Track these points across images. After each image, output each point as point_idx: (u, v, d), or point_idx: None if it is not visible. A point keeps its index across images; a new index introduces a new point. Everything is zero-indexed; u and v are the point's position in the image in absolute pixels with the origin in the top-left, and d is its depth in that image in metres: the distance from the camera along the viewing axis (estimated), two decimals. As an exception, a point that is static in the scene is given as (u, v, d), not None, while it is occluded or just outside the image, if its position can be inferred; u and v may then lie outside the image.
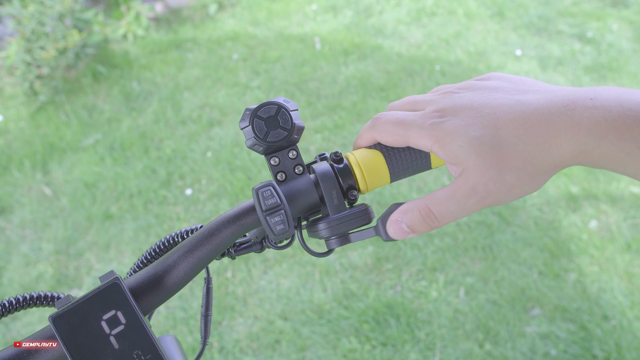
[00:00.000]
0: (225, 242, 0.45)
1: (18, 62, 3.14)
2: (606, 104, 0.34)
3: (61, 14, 3.23)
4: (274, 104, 0.45)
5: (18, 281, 2.21)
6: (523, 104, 0.37)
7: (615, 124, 0.34)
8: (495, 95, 0.40)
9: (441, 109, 0.41)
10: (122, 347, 0.41)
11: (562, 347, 1.71)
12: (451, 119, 0.39)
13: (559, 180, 2.34)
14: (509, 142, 0.36)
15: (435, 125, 0.40)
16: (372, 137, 0.46)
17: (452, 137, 0.38)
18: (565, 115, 0.35)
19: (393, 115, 0.44)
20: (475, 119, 0.38)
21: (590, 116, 0.34)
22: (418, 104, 0.45)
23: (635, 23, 3.45)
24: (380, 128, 0.44)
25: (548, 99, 0.37)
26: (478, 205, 0.38)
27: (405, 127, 0.42)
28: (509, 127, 0.37)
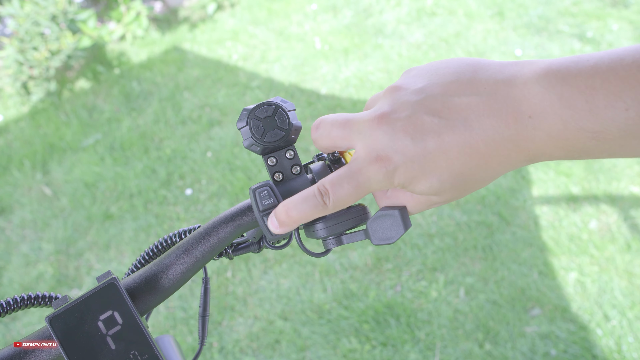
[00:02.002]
0: (222, 242, 0.45)
1: (10, 62, 3.15)
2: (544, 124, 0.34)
3: (54, 15, 3.23)
4: (271, 104, 0.45)
5: (18, 281, 2.21)
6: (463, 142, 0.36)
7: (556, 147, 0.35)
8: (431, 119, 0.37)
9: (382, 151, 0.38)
10: (118, 347, 0.41)
11: (562, 347, 1.71)
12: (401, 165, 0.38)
13: (559, 180, 2.34)
14: (468, 179, 0.38)
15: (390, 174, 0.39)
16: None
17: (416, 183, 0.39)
18: (510, 143, 0.35)
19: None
20: (426, 159, 0.37)
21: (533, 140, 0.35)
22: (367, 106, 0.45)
23: (635, 23, 3.45)
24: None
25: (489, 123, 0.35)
26: (431, 201, 0.42)
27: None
28: (465, 167, 0.37)
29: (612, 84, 0.31)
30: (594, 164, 2.39)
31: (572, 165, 2.40)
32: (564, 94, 0.33)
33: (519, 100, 0.34)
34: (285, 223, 0.42)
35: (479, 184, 0.39)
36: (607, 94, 0.31)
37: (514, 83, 0.35)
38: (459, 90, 0.37)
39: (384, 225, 0.43)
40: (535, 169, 2.40)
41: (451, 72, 0.39)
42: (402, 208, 0.43)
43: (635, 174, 2.33)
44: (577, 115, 0.32)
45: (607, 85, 0.31)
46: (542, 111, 0.33)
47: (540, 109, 0.33)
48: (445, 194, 0.39)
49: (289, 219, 0.42)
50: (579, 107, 0.32)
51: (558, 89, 0.33)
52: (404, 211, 0.43)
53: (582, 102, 0.32)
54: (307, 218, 0.42)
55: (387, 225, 0.43)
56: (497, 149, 0.36)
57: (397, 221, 0.43)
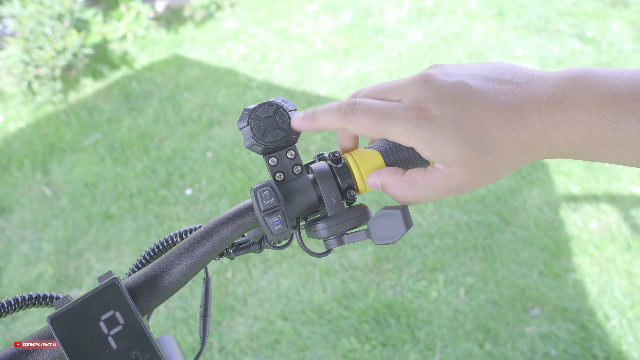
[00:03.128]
0: (223, 242, 0.45)
1: (16, 62, 3.15)
2: (572, 109, 0.37)
3: (60, 14, 3.23)
4: (272, 104, 0.45)
5: (18, 281, 2.21)
6: (504, 104, 0.38)
7: (576, 133, 0.37)
8: (475, 88, 0.39)
9: (423, 103, 0.39)
10: (120, 347, 0.41)
11: (562, 347, 1.71)
12: (437, 118, 0.38)
13: (559, 180, 2.34)
14: (494, 148, 0.38)
15: (421, 124, 0.38)
16: (344, 126, 0.41)
17: (441, 141, 0.38)
18: (539, 122, 0.38)
19: (369, 105, 0.40)
20: (462, 120, 0.38)
21: (559, 125, 0.37)
22: (392, 93, 0.41)
23: (635, 23, 3.45)
24: (355, 121, 0.40)
25: (524, 101, 0.38)
26: (455, 195, 0.42)
27: (387, 123, 0.39)
28: (493, 132, 0.38)
29: None
30: (594, 164, 2.39)
31: (572, 165, 2.40)
32: (591, 87, 0.36)
33: (551, 88, 0.38)
34: (308, 117, 0.44)
35: (500, 166, 0.39)
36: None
37: (547, 76, 0.39)
38: (498, 76, 0.40)
39: (386, 225, 0.43)
40: (535, 169, 2.40)
41: (486, 65, 0.41)
42: (403, 208, 0.43)
43: (635, 174, 2.33)
44: (603, 103, 0.36)
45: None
46: (571, 98, 0.37)
47: (570, 97, 0.37)
48: (464, 172, 0.39)
49: (312, 114, 0.43)
50: (604, 96, 0.36)
51: (586, 84, 0.37)
52: (406, 211, 0.43)
53: (607, 93, 0.36)
54: (327, 122, 0.42)
55: (389, 225, 0.43)
56: (526, 127, 0.38)
57: (398, 220, 0.43)
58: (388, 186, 0.44)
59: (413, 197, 0.43)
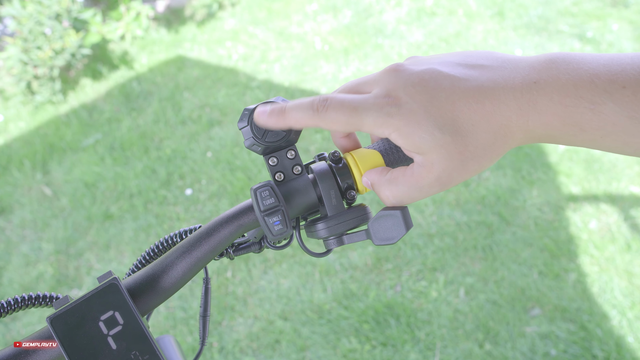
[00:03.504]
0: (223, 242, 0.45)
1: (15, 62, 3.15)
2: (547, 90, 0.36)
3: (58, 14, 3.23)
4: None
5: (18, 281, 2.21)
6: (476, 86, 0.37)
7: (553, 114, 0.36)
8: (446, 73, 0.38)
9: (393, 91, 0.38)
10: (119, 347, 0.41)
11: (562, 347, 1.71)
12: (407, 104, 0.38)
13: (559, 180, 2.34)
14: (468, 131, 0.37)
15: (392, 112, 0.38)
16: (316, 124, 0.40)
17: (413, 127, 0.37)
18: (514, 103, 0.37)
19: (340, 100, 0.39)
20: (432, 105, 0.37)
21: (535, 106, 0.36)
22: (363, 86, 0.42)
23: (635, 23, 3.45)
24: (327, 117, 0.39)
25: (497, 82, 0.37)
26: (438, 191, 0.40)
27: (358, 115, 0.38)
28: (465, 115, 0.37)
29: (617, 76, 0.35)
30: (594, 164, 2.39)
31: (572, 165, 2.40)
32: (568, 68, 0.36)
33: (526, 70, 0.37)
34: (276, 113, 0.41)
35: (478, 151, 0.38)
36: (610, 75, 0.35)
37: (522, 59, 0.38)
38: (471, 61, 0.39)
39: (386, 226, 0.43)
40: (535, 169, 2.40)
41: (460, 53, 0.41)
42: (403, 208, 0.43)
43: (635, 174, 2.33)
44: (580, 84, 0.35)
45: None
46: (547, 79, 0.36)
47: (546, 77, 0.36)
48: (442, 159, 0.38)
49: (281, 111, 0.41)
50: (581, 77, 0.35)
51: (563, 66, 0.36)
52: (406, 211, 0.43)
53: (585, 75, 0.35)
54: (298, 120, 0.41)
55: (389, 226, 0.43)
56: (500, 107, 0.37)
57: (398, 221, 0.43)
58: (375, 185, 0.43)
59: (395, 196, 0.41)
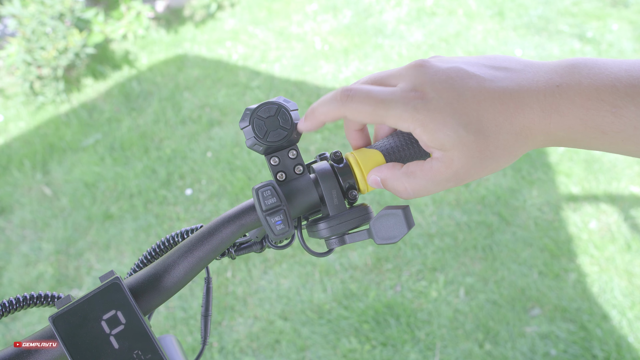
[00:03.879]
0: (225, 242, 0.45)
1: (18, 62, 3.14)
2: (570, 93, 0.36)
3: (61, 14, 3.23)
4: (274, 103, 0.45)
5: (18, 281, 2.21)
6: (501, 88, 0.38)
7: (575, 117, 0.37)
8: (472, 73, 0.39)
9: (420, 86, 0.39)
10: (122, 347, 0.41)
11: (562, 347, 1.71)
12: (434, 100, 0.38)
13: (559, 180, 2.34)
14: (492, 131, 0.38)
15: (418, 107, 0.38)
16: (342, 114, 0.41)
17: (438, 123, 0.38)
18: (537, 105, 0.37)
19: (366, 92, 0.40)
20: (459, 103, 0.38)
21: (557, 108, 0.37)
22: (387, 79, 0.42)
23: (635, 23, 3.45)
24: (352, 107, 0.40)
25: (522, 85, 0.38)
26: (454, 185, 0.41)
27: (384, 107, 0.39)
28: (490, 115, 0.38)
29: None
30: (594, 164, 2.39)
31: (572, 165, 2.40)
32: (590, 73, 0.36)
33: (549, 74, 0.38)
34: (309, 116, 0.43)
35: (499, 151, 0.38)
36: None
37: (545, 64, 0.39)
38: (495, 64, 0.40)
39: (387, 225, 0.43)
40: (535, 169, 2.40)
41: (483, 55, 0.42)
42: (405, 207, 0.43)
43: (635, 174, 2.33)
44: (602, 88, 0.35)
45: None
46: (569, 82, 0.36)
47: (568, 81, 0.36)
48: (462, 157, 0.38)
49: (311, 112, 0.43)
50: (603, 81, 0.36)
51: (585, 71, 0.37)
52: (407, 210, 0.43)
53: (606, 79, 0.36)
54: (327, 114, 0.42)
55: (390, 225, 0.43)
56: (523, 109, 0.38)
57: (400, 220, 0.43)
58: (387, 180, 0.43)
59: (413, 188, 0.42)
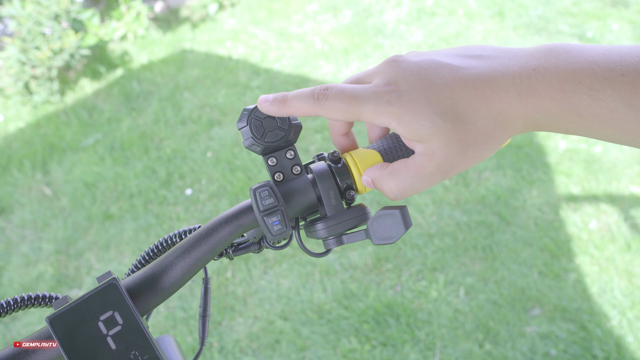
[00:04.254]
0: (222, 242, 0.45)
1: (13, 61, 3.15)
2: (547, 75, 0.36)
3: (57, 15, 3.23)
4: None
5: (18, 281, 2.21)
6: (475, 74, 0.38)
7: (552, 99, 0.36)
8: (445, 63, 0.39)
9: (393, 80, 0.39)
10: (119, 347, 0.41)
11: (562, 347, 1.71)
12: (407, 92, 0.38)
13: (559, 180, 2.34)
14: (468, 118, 0.38)
15: (392, 100, 0.38)
16: (316, 112, 0.41)
17: (413, 114, 0.38)
18: (513, 89, 0.37)
19: (340, 89, 0.40)
20: (432, 92, 0.38)
21: (534, 91, 0.37)
22: (364, 78, 0.42)
23: (635, 23, 3.45)
24: (327, 105, 0.40)
25: (496, 69, 0.38)
26: (441, 180, 0.40)
27: (358, 104, 0.39)
28: (465, 101, 0.38)
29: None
30: (594, 164, 2.39)
31: (572, 165, 2.40)
32: (568, 56, 0.36)
33: (525, 57, 0.37)
34: (278, 101, 0.43)
35: (478, 138, 0.38)
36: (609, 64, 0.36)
37: (521, 49, 0.39)
38: (469, 53, 0.40)
39: (385, 225, 0.43)
40: (535, 169, 2.40)
41: (459, 47, 0.42)
42: (402, 208, 0.43)
43: (635, 174, 2.33)
44: (579, 71, 0.35)
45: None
46: (546, 66, 0.36)
47: (545, 64, 0.36)
48: (442, 147, 0.38)
49: (283, 99, 0.42)
50: (580, 64, 0.36)
51: (563, 54, 0.36)
52: (405, 211, 0.43)
53: (584, 62, 0.35)
54: (299, 108, 0.41)
55: (388, 225, 0.43)
56: (499, 93, 0.37)
57: (397, 221, 0.43)
58: (376, 181, 0.43)
59: (398, 187, 0.41)
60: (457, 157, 0.39)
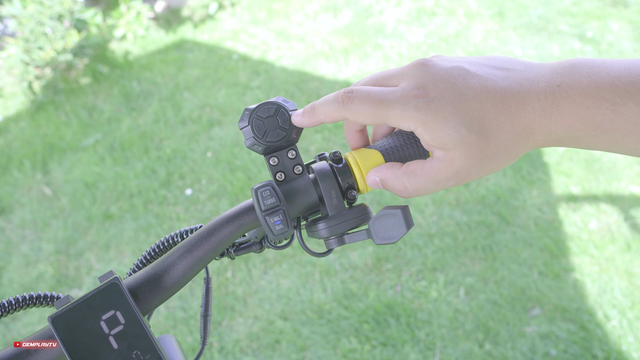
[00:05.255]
0: (224, 242, 0.45)
1: (16, 62, 3.14)
2: (570, 92, 0.37)
3: (60, 15, 3.23)
4: (273, 103, 0.45)
5: (18, 281, 2.21)
6: (502, 88, 0.38)
7: (575, 116, 0.37)
8: (474, 72, 0.39)
9: (421, 85, 0.39)
10: (121, 347, 0.41)
11: (562, 347, 1.71)
12: (436, 99, 0.38)
13: (559, 180, 2.34)
14: (493, 131, 0.38)
15: (419, 106, 0.38)
16: (343, 116, 0.42)
17: (440, 122, 0.38)
18: (538, 105, 0.38)
19: (367, 92, 0.40)
20: (460, 102, 0.38)
21: (558, 108, 0.37)
22: (389, 79, 0.42)
23: (635, 23, 3.45)
24: (353, 108, 0.40)
25: (523, 85, 0.38)
26: (455, 185, 0.41)
27: (385, 107, 0.39)
28: (491, 115, 0.38)
29: None
30: (594, 164, 2.39)
31: (572, 165, 2.40)
32: (590, 72, 0.37)
33: (550, 74, 0.38)
34: (308, 112, 0.44)
35: (499, 151, 0.38)
36: None
37: (545, 65, 0.39)
38: (496, 64, 0.40)
39: (386, 225, 0.43)
40: (535, 169, 2.40)
41: (484, 56, 0.42)
42: (404, 207, 0.43)
43: (635, 174, 2.33)
44: (601, 86, 0.36)
45: None
46: (569, 82, 0.37)
47: (568, 81, 0.37)
48: (463, 156, 0.38)
49: (311, 109, 0.43)
50: (602, 79, 0.36)
51: (585, 70, 0.37)
52: (406, 210, 0.43)
53: (606, 77, 0.36)
54: (327, 114, 0.42)
55: (390, 225, 0.43)
56: (524, 109, 0.38)
57: (399, 220, 0.43)
58: (387, 180, 0.43)
59: (413, 187, 0.42)
60: (475, 167, 0.39)
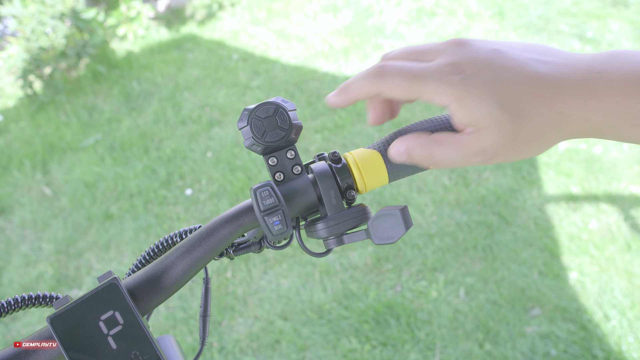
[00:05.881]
0: (223, 242, 0.45)
1: (18, 61, 3.14)
2: (610, 78, 0.36)
3: (62, 14, 3.23)
4: (272, 104, 0.45)
5: (18, 281, 2.21)
6: (539, 73, 0.38)
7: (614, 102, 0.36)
8: (512, 56, 0.39)
9: (458, 62, 0.39)
10: (120, 347, 0.41)
11: (562, 347, 1.71)
12: (472, 77, 0.38)
13: (559, 180, 2.34)
14: (527, 115, 0.38)
15: (455, 82, 0.38)
16: (377, 90, 0.41)
17: (474, 100, 0.37)
18: (576, 91, 0.37)
19: (401, 66, 0.40)
20: (496, 82, 0.38)
21: (596, 93, 0.37)
22: (424, 54, 0.42)
23: (635, 23, 3.45)
24: (387, 82, 0.40)
25: (561, 71, 0.38)
26: (480, 163, 0.40)
27: (420, 81, 0.39)
28: (527, 98, 0.37)
29: None
30: (594, 164, 2.39)
31: (572, 165, 2.40)
32: (631, 61, 0.37)
33: (589, 62, 0.38)
34: (342, 90, 0.43)
35: (532, 135, 0.38)
36: None
37: (583, 54, 0.39)
38: (534, 50, 0.40)
39: (385, 225, 0.43)
40: (535, 169, 2.40)
41: (521, 42, 0.41)
42: (403, 208, 0.43)
43: (635, 174, 2.33)
44: None
45: None
46: (609, 69, 0.37)
47: (609, 68, 0.37)
48: (494, 135, 0.38)
49: (345, 87, 0.43)
50: None
51: (626, 59, 0.37)
52: (405, 211, 0.43)
53: None
54: (361, 89, 0.42)
55: (389, 225, 0.43)
56: (561, 94, 0.37)
57: (398, 220, 0.43)
58: (413, 148, 0.42)
59: (438, 156, 0.41)
60: (504, 148, 0.39)
